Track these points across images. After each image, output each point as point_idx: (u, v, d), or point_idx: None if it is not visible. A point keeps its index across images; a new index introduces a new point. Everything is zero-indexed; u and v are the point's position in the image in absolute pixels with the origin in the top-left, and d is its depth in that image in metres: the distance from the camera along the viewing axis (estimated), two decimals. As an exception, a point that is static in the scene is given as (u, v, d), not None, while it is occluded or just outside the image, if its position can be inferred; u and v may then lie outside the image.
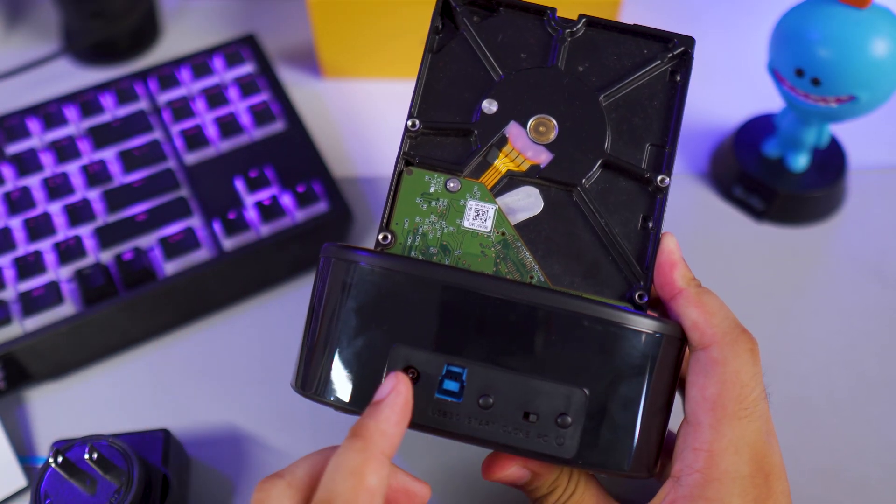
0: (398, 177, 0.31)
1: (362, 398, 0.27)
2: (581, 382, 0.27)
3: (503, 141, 0.31)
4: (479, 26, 0.33)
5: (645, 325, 0.27)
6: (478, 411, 0.27)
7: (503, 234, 0.30)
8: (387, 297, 0.27)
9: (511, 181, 0.31)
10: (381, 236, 0.30)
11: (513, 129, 0.31)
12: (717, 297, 0.29)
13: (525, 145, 0.31)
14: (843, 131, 0.50)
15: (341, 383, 0.27)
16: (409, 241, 0.30)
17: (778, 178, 0.47)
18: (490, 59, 0.32)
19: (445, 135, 0.32)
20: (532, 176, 0.31)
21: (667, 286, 0.29)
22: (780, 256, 0.46)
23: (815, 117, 0.44)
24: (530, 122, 0.31)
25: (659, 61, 0.32)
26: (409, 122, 0.31)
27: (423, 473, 0.38)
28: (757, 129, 0.49)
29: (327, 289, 0.28)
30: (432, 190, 0.31)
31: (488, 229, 0.31)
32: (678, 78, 0.32)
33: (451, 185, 0.31)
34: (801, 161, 0.47)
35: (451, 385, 0.27)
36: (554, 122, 0.31)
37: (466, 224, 0.31)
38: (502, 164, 0.31)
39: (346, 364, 0.27)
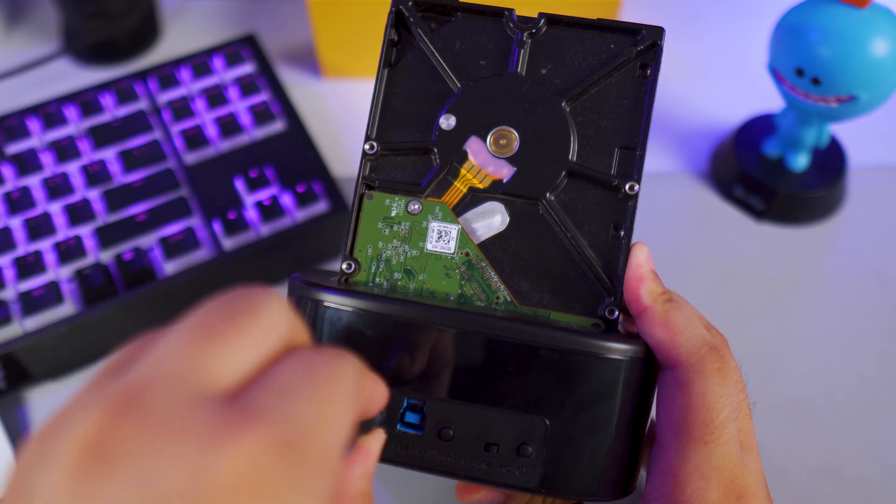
0: (359, 202, 0.30)
1: None
2: (541, 411, 0.26)
3: (464, 157, 0.30)
4: (435, 35, 0.31)
5: (604, 349, 0.26)
6: (439, 443, 0.27)
7: (467, 254, 0.30)
8: (344, 334, 0.27)
9: (474, 198, 0.30)
10: (344, 265, 0.30)
11: (472, 144, 0.30)
12: (687, 312, 0.28)
13: (486, 160, 0.30)
14: (843, 131, 0.50)
15: None
16: (373, 269, 0.30)
17: (778, 178, 0.47)
18: (447, 69, 0.31)
19: (405, 154, 0.31)
20: (494, 191, 0.30)
21: (633, 303, 0.28)
22: (780, 256, 0.46)
23: (815, 117, 0.44)
24: (490, 136, 0.30)
25: (626, 56, 0.30)
26: (367, 146, 0.30)
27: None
28: (757, 129, 0.49)
29: None
30: (394, 213, 0.30)
31: (452, 251, 0.30)
32: (648, 72, 0.30)
33: (413, 207, 0.30)
34: (801, 161, 0.47)
35: (412, 418, 0.27)
36: (515, 133, 0.30)
37: (430, 247, 0.30)
38: (463, 181, 0.30)
39: None
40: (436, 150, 0.30)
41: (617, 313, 0.29)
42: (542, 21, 0.31)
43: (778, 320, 0.44)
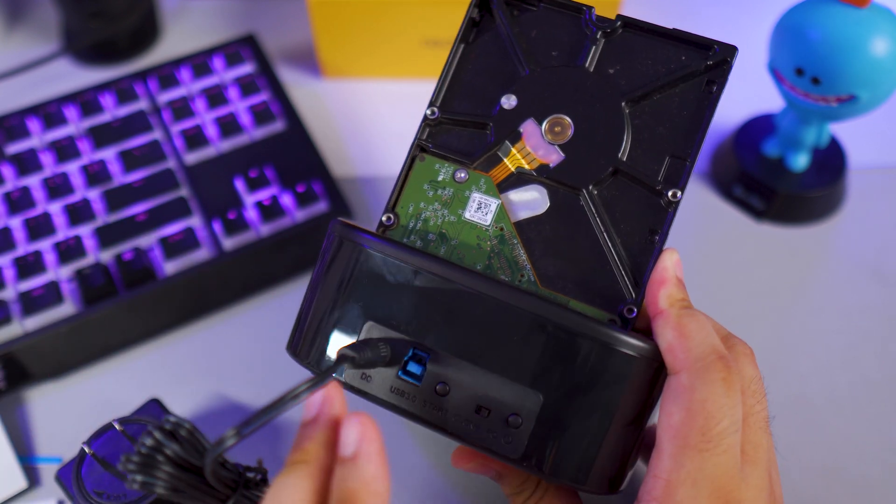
0: (410, 162, 0.31)
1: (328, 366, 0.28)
2: (538, 387, 0.26)
3: (517, 137, 0.31)
4: (514, 20, 0.32)
5: (617, 341, 0.26)
6: (433, 397, 0.27)
7: (502, 229, 0.30)
8: (368, 277, 0.28)
9: (520, 178, 0.31)
10: (384, 217, 0.31)
11: (528, 127, 0.31)
12: (701, 321, 0.27)
13: (537, 144, 0.31)
14: (843, 131, 0.50)
15: (317, 350, 0.29)
16: (410, 225, 0.31)
17: (778, 178, 0.47)
18: (518, 54, 0.32)
19: (463, 126, 0.32)
20: (540, 175, 0.31)
21: (651, 305, 0.28)
22: (780, 256, 0.46)
23: (815, 116, 0.44)
24: (546, 122, 0.31)
25: (695, 69, 0.30)
26: (429, 111, 0.32)
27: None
28: (757, 129, 0.49)
29: (323, 262, 0.29)
30: (440, 178, 0.31)
31: (488, 223, 0.31)
32: (714, 88, 0.30)
33: (460, 175, 0.31)
34: (801, 161, 0.47)
35: (413, 368, 0.28)
36: (570, 122, 0.31)
37: (467, 215, 0.31)
38: (513, 160, 0.31)
39: (323, 333, 0.28)
40: (492, 125, 0.31)
41: (636, 313, 0.29)
42: (619, 23, 0.31)
43: (778, 320, 0.44)
